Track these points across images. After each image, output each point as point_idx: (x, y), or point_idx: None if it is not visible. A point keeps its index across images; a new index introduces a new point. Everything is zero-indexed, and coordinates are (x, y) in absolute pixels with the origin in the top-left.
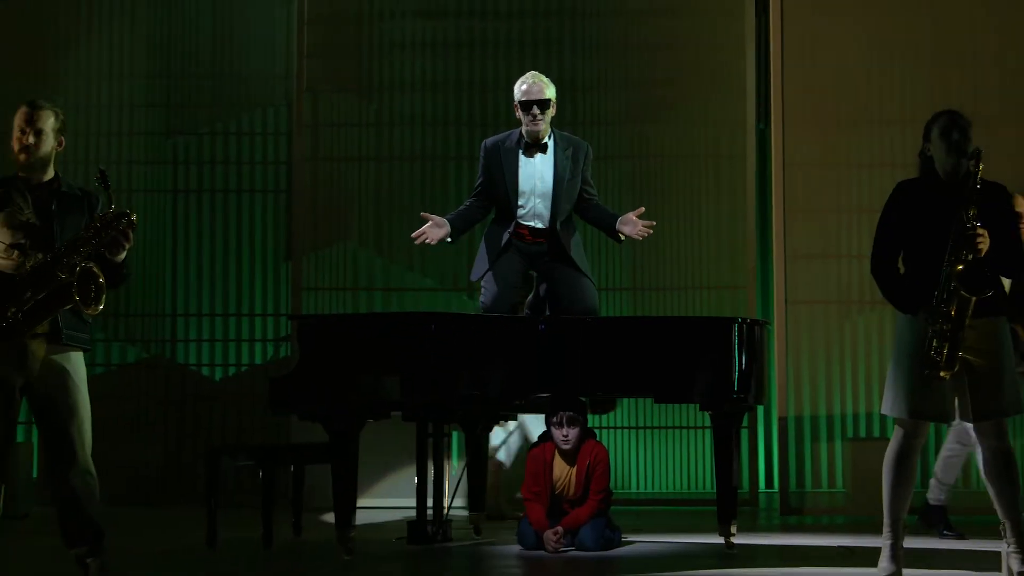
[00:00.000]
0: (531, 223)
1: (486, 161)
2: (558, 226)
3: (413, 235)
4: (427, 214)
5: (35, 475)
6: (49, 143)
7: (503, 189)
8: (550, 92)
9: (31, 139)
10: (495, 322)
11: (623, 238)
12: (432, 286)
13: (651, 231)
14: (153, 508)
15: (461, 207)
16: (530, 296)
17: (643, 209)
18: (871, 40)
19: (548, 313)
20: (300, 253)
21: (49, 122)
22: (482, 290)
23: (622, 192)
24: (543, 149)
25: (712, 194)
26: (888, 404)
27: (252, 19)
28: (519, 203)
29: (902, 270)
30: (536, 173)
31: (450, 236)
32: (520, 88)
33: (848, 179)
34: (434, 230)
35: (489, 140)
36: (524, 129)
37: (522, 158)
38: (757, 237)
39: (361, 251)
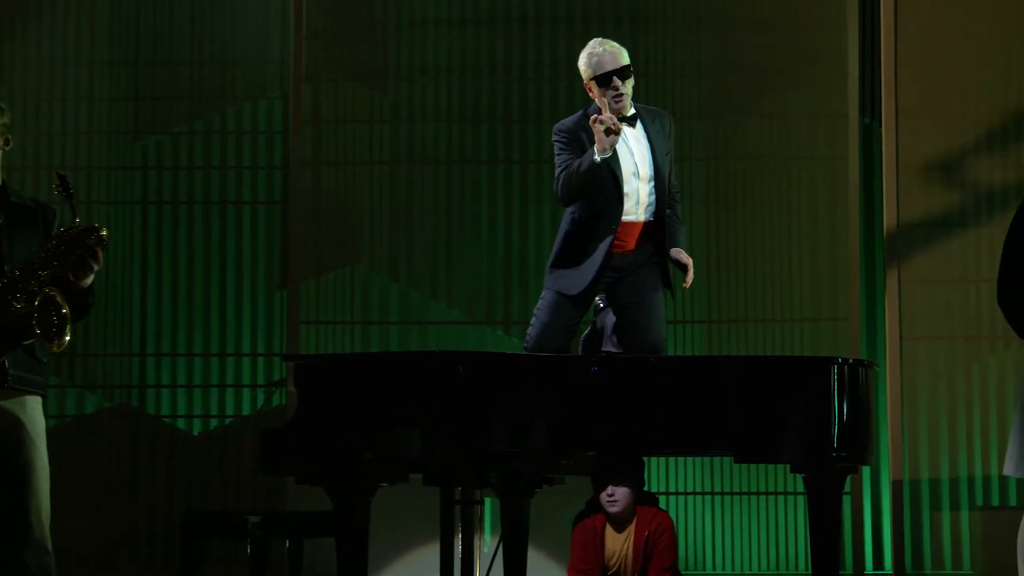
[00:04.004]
0: (633, 217)
1: (571, 140)
2: (664, 218)
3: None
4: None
5: None
6: None
7: (607, 177)
8: (625, 57)
9: None
10: (539, 363)
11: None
12: (460, 319)
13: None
14: None
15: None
16: (587, 329)
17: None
18: (1015, 7)
19: (610, 345)
20: (298, 279)
21: None
22: (533, 318)
23: (694, 201)
24: (631, 121)
25: (806, 204)
26: (1013, 463)
27: None
28: (625, 191)
29: None
30: (633, 152)
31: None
32: (590, 61)
33: (979, 185)
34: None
35: (564, 122)
36: (605, 109)
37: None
38: (862, 258)
39: (373, 276)
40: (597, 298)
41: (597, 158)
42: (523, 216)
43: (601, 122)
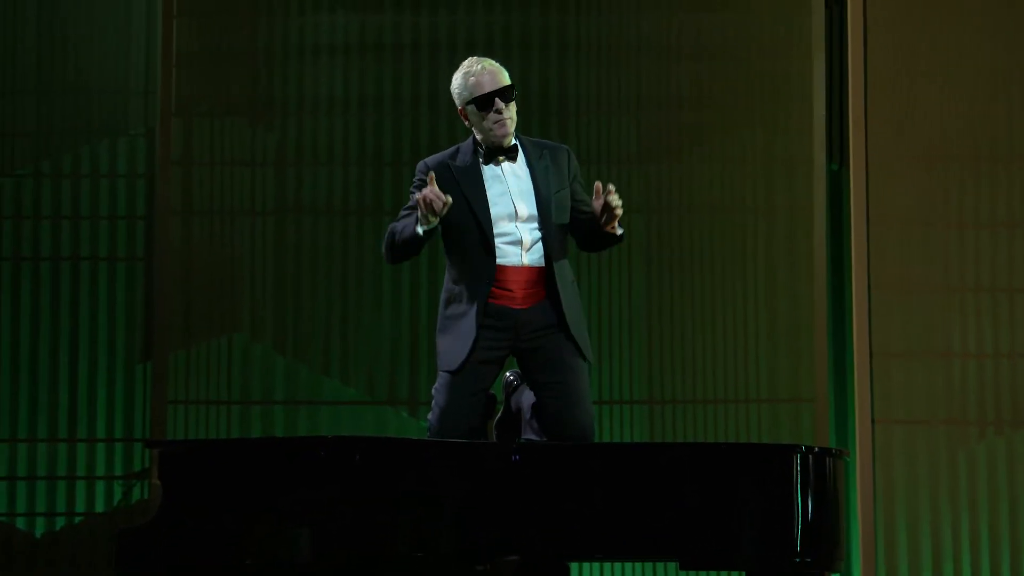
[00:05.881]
0: (516, 261)
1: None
2: (555, 265)
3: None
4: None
5: None
6: None
7: (470, 221)
8: (507, 77)
9: None
10: (449, 451)
11: (612, 228)
12: (358, 398)
13: (616, 206)
14: None
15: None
16: (500, 411)
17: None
18: (1000, 41)
19: (530, 432)
20: (165, 350)
21: None
22: (433, 399)
23: (632, 261)
24: (511, 155)
25: (764, 264)
26: None
27: (96, 10)
28: (496, 235)
29: None
30: (511, 188)
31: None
32: (466, 83)
33: (964, 243)
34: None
35: (428, 159)
36: (482, 136)
37: (486, 171)
38: (830, 328)
39: (254, 347)
40: (508, 374)
41: (420, 231)
42: (432, 277)
43: (424, 197)
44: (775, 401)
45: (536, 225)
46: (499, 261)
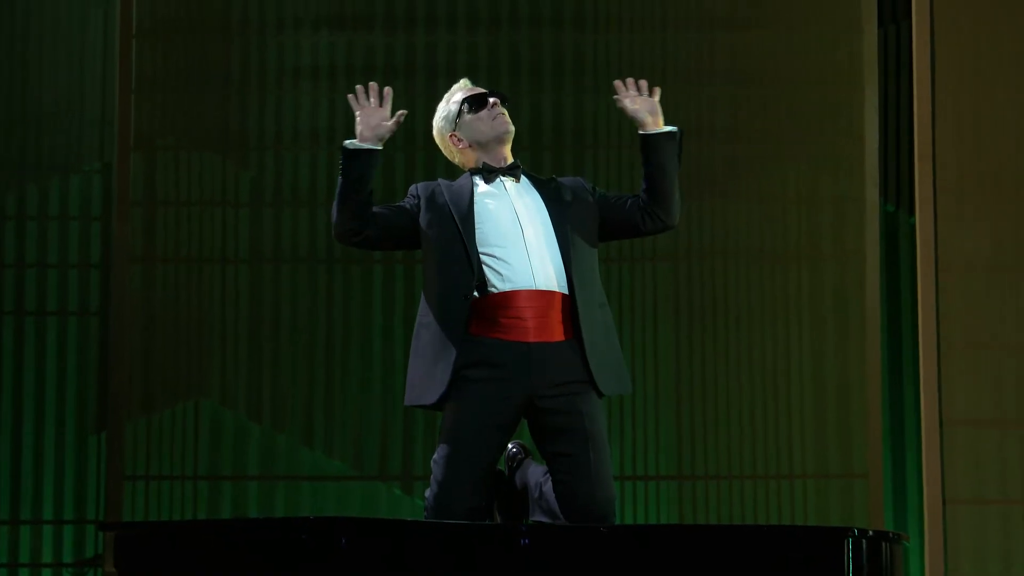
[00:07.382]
0: (528, 284)
1: (412, 202)
2: (576, 295)
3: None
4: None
5: None
6: None
7: (452, 243)
8: None
9: None
10: (448, 533)
11: (656, 123)
12: (344, 472)
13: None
14: None
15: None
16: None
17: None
18: None
19: (539, 512)
20: (121, 418)
21: None
22: (431, 473)
23: (658, 313)
24: (513, 173)
25: (809, 318)
26: None
27: (45, 29)
28: (500, 257)
29: None
30: (514, 202)
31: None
32: (449, 101)
33: None
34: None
35: (420, 183)
36: (483, 139)
37: (486, 189)
38: (885, 392)
39: (225, 414)
40: (511, 445)
41: (347, 143)
42: None
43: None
44: (823, 477)
45: (548, 241)
46: (505, 287)
